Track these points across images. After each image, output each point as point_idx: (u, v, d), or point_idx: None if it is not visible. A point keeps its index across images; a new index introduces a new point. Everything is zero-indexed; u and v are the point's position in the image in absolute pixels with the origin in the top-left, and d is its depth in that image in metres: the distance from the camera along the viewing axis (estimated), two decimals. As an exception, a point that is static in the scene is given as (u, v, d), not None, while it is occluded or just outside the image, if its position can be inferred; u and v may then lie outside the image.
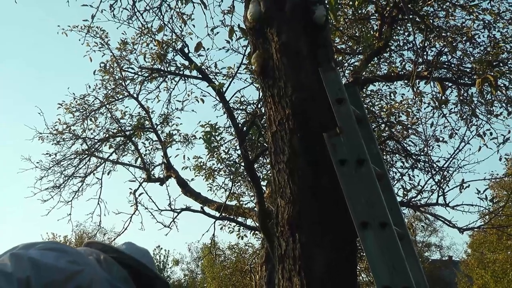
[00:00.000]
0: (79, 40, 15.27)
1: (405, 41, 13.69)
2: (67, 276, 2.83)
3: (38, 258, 2.82)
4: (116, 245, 3.62)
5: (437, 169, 13.88)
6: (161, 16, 8.95)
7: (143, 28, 11.82)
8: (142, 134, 16.66)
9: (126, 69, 15.31)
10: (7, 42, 70.50)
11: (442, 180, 13.75)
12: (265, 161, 14.47)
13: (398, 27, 13.37)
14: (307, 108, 4.24)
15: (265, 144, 12.81)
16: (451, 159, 13.60)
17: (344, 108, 4.09)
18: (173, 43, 12.90)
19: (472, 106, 13.45)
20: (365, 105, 4.64)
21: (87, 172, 16.67)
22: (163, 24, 9.21)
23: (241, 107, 14.53)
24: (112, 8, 8.44)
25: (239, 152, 14.15)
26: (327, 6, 4.97)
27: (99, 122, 16.42)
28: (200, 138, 15.38)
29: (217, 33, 9.56)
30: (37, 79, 69.96)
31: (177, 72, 14.38)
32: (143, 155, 16.60)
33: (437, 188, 13.75)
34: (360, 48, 13.32)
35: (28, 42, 72.82)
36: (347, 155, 3.96)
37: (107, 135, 16.58)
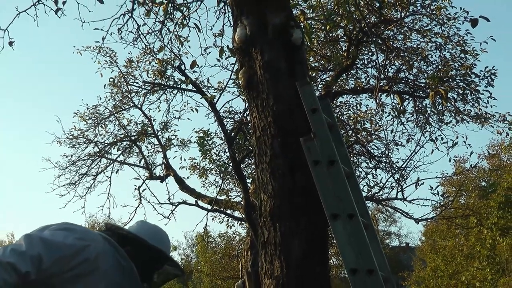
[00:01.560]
0: (92, 58, 15.30)
1: (369, 60, 13.71)
2: (74, 251, 2.95)
3: (48, 237, 2.92)
4: (129, 224, 3.62)
5: (396, 169, 13.93)
6: (162, 38, 8.94)
7: (146, 48, 11.81)
8: (145, 138, 16.68)
9: (132, 83, 15.32)
10: (36, 63, 70.25)
11: (400, 178, 13.80)
12: (250, 161, 14.43)
13: (363, 48, 13.38)
14: (286, 116, 4.24)
15: (250, 147, 12.79)
16: (408, 160, 13.65)
17: (318, 117, 4.10)
18: (172, 61, 12.87)
19: (426, 116, 13.50)
20: (335, 114, 4.64)
21: (98, 171, 16.67)
22: (163, 45, 9.20)
23: (229, 116, 14.49)
24: (120, 31, 8.41)
25: (228, 154, 14.12)
26: (303, 29, 4.96)
27: (109, 129, 16.43)
28: (194, 142, 15.37)
29: (209, 52, 9.55)
30: (56, 92, 69.75)
31: (175, 86, 14.36)
32: (146, 157, 16.60)
33: (396, 185, 13.81)
34: (331, 66, 13.33)
35: (50, 60, 72.58)
36: (320, 157, 3.96)
37: (115, 140, 16.57)
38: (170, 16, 8.62)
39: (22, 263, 2.75)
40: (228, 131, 13.21)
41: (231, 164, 13.70)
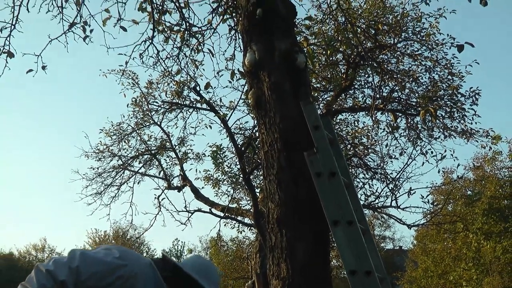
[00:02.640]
0: (116, 80, 15.33)
1: (365, 81, 13.71)
2: (111, 268, 2.91)
3: (88, 253, 2.93)
4: (184, 258, 3.54)
5: (390, 180, 13.89)
6: (179, 62, 8.94)
7: (165, 71, 11.80)
8: (164, 152, 16.70)
9: (152, 103, 15.38)
10: (65, 85, 70.58)
11: (394, 188, 13.77)
12: (258, 173, 14.42)
13: (360, 71, 13.37)
14: (291, 133, 4.23)
15: (258, 160, 12.76)
16: (401, 172, 13.63)
17: (320, 133, 4.09)
18: (188, 83, 12.88)
19: (417, 131, 13.47)
20: (335, 131, 4.63)
21: (122, 182, 16.68)
22: (180, 68, 9.19)
23: (240, 132, 14.54)
24: (141, 56, 8.42)
25: (238, 166, 14.11)
26: (306, 54, 4.96)
27: (131, 143, 16.46)
28: (208, 155, 15.39)
29: (222, 75, 9.55)
30: (84, 110, 70.00)
31: (191, 105, 14.40)
32: (165, 169, 16.61)
33: (391, 194, 13.79)
34: (331, 87, 13.33)
35: (79, 82, 72.97)
36: (322, 169, 3.95)
37: (137, 153, 16.60)
38: (187, 43, 8.63)
39: (60, 271, 2.78)
40: (239, 146, 13.20)
41: (241, 176, 13.68)
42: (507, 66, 64.31)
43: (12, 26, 7.26)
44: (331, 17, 10.50)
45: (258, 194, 12.71)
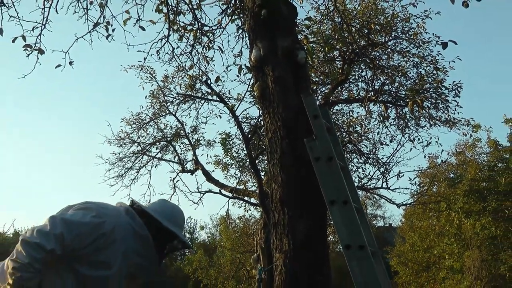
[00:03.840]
0: (135, 75, 15.34)
1: (359, 75, 13.67)
2: (91, 227, 2.93)
3: (68, 218, 2.93)
4: (152, 202, 3.58)
5: (381, 164, 13.90)
6: (192, 58, 8.93)
7: (179, 66, 11.82)
8: (178, 139, 16.71)
9: (168, 95, 15.37)
10: (91, 79, 70.72)
11: (385, 171, 13.78)
12: (263, 158, 14.41)
13: (355, 66, 13.34)
14: (292, 121, 4.22)
15: (263, 146, 12.77)
16: (391, 157, 13.63)
17: (318, 122, 4.07)
18: (200, 77, 12.88)
19: (406, 121, 13.46)
20: (332, 120, 4.62)
21: (140, 166, 16.69)
22: (193, 64, 9.19)
23: (247, 121, 14.52)
24: (158, 53, 8.41)
25: (245, 152, 14.13)
26: (306, 51, 4.94)
27: (149, 131, 16.48)
28: (218, 142, 15.44)
29: (230, 70, 9.57)
30: (107, 102, 70.08)
31: (202, 97, 14.41)
32: (179, 154, 16.64)
33: (382, 177, 13.81)
34: (329, 80, 13.31)
35: (104, 76, 73.08)
36: (320, 154, 3.95)
37: (154, 140, 16.61)
38: (199, 41, 8.61)
39: (47, 242, 2.79)
40: (246, 134, 13.21)
41: (248, 160, 13.71)
42: (486, 61, 64.08)
43: (43, 26, 7.25)
44: (328, 17, 10.48)
45: (262, 176, 12.72)
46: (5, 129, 67.92)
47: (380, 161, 14.00)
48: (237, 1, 7.74)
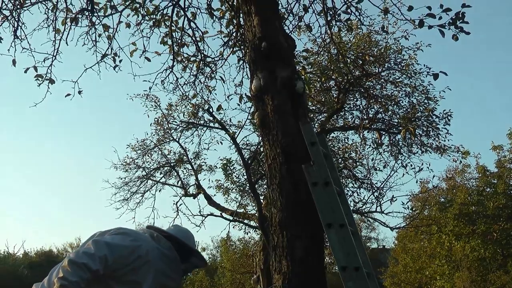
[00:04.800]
0: (141, 103, 15.38)
1: (354, 104, 13.75)
2: (131, 250, 3.08)
3: (110, 241, 3.04)
4: (166, 227, 3.73)
5: (375, 189, 13.87)
6: (195, 88, 8.95)
7: (183, 95, 11.83)
8: (181, 165, 16.71)
9: (171, 122, 15.42)
10: (98, 106, 71.00)
11: (379, 196, 13.76)
12: (262, 183, 14.39)
13: (350, 95, 13.40)
14: (291, 148, 4.22)
15: (263, 172, 12.76)
16: (384, 182, 13.61)
17: (316, 148, 4.07)
18: (203, 105, 12.92)
19: (398, 147, 13.50)
20: (328, 146, 4.62)
21: (145, 190, 16.68)
22: (196, 93, 9.21)
23: (247, 148, 14.54)
24: (163, 82, 8.44)
25: (245, 177, 14.10)
26: (304, 81, 4.96)
27: (153, 157, 16.50)
28: (219, 167, 15.42)
29: (231, 99, 9.54)
30: (113, 128, 70.22)
31: (205, 124, 14.45)
32: (182, 179, 16.63)
33: (376, 201, 13.77)
34: (325, 109, 13.35)
35: (110, 104, 73.34)
36: (318, 179, 3.93)
37: (158, 166, 16.62)
38: (202, 71, 8.65)
39: (93, 262, 2.91)
40: (246, 159, 13.20)
41: (248, 185, 13.68)
42: (475, 91, 64.32)
43: (53, 57, 7.29)
44: (325, 49, 10.54)
45: (262, 200, 12.69)
46: (16, 152, 68.00)
47: (374, 186, 13.99)
48: (238, 34, 7.78)
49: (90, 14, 7.36)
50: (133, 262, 3.08)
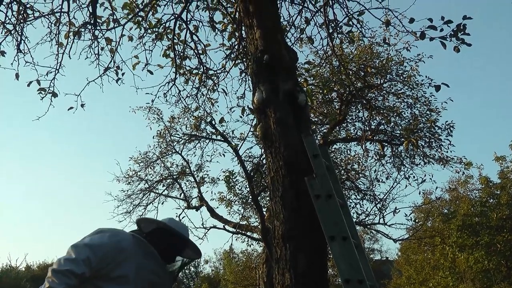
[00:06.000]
0: (143, 116, 15.40)
1: (356, 116, 13.75)
2: (111, 246, 3.09)
3: (89, 242, 3.06)
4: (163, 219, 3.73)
5: (378, 200, 13.85)
6: (197, 100, 8.98)
7: (185, 108, 11.86)
8: (184, 177, 16.70)
9: (174, 135, 15.44)
10: (101, 120, 71.17)
11: (381, 207, 13.72)
12: (265, 195, 14.39)
13: (352, 107, 13.41)
14: (293, 161, 4.21)
15: (265, 184, 12.74)
16: (387, 193, 13.59)
17: (318, 161, 4.07)
18: (205, 118, 12.93)
19: (401, 159, 13.48)
20: (331, 158, 4.62)
21: (148, 202, 16.66)
22: (198, 105, 9.25)
23: (249, 160, 14.54)
24: (165, 95, 8.47)
25: (248, 189, 14.09)
26: (306, 93, 4.96)
27: (156, 169, 16.49)
28: (222, 180, 15.38)
29: (234, 111, 9.55)
30: (116, 141, 70.39)
31: (207, 137, 14.46)
32: (184, 191, 16.60)
33: (379, 213, 13.73)
34: (327, 120, 13.35)
35: (111, 118, 73.49)
36: (320, 192, 3.93)
37: (161, 178, 16.61)
38: (204, 84, 8.68)
39: (77, 267, 2.93)
40: (248, 172, 13.19)
41: (250, 197, 13.66)
42: (478, 102, 64.37)
43: (56, 71, 7.32)
44: (326, 61, 10.55)
45: (265, 213, 12.67)
46: (19, 165, 68.06)
47: (377, 198, 13.98)
48: (240, 47, 7.81)
49: (92, 28, 7.40)
50: (116, 257, 3.08)
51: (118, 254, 3.09)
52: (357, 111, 13.70)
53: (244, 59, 7.97)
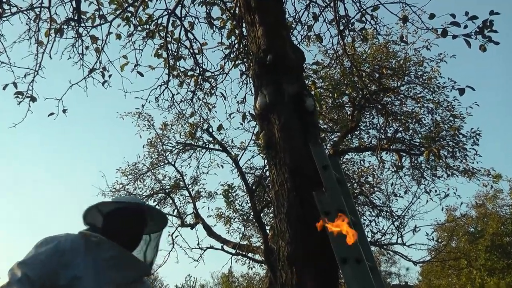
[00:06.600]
0: (132, 122, 15.42)
1: (370, 122, 13.75)
2: (49, 254, 3.03)
3: (23, 259, 3.02)
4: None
5: (396, 217, 13.82)
6: (193, 105, 9.01)
7: (179, 114, 11.89)
8: (177, 191, 16.69)
9: (166, 144, 15.45)
10: (85, 127, 71.24)
11: (400, 225, 13.68)
12: (269, 211, 14.38)
13: (366, 112, 13.41)
14: (300, 173, 4.22)
15: (269, 199, 12.75)
16: (406, 210, 13.57)
17: (328, 173, 4.07)
18: (201, 125, 12.96)
19: (421, 171, 13.46)
20: (342, 170, 4.61)
21: (137, 220, 16.58)
22: (194, 111, 9.26)
23: (251, 172, 14.53)
24: (157, 100, 8.50)
25: (249, 205, 14.09)
26: (314, 97, 4.98)
27: (146, 183, 16.50)
28: (220, 194, 15.40)
29: (233, 117, 9.60)
30: (102, 151, 70.43)
31: (204, 146, 14.46)
32: (178, 207, 16.58)
33: (396, 232, 13.69)
34: (338, 128, 13.36)
35: (97, 124, 73.58)
36: (331, 208, 3.93)
37: (152, 192, 16.59)
38: (200, 87, 8.71)
39: (21, 286, 2.87)
40: (250, 185, 13.20)
41: (252, 214, 13.66)
42: (508, 106, 64.23)
43: (35, 72, 7.35)
44: (337, 62, 10.58)
45: (268, 231, 12.66)
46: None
47: (394, 215, 13.95)
48: (241, 46, 7.84)
49: (76, 25, 7.44)
50: (60, 260, 3.03)
51: (62, 256, 3.05)
52: (371, 117, 13.70)
53: (245, 60, 8.00)
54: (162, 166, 16.25)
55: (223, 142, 13.52)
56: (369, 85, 12.13)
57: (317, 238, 4.01)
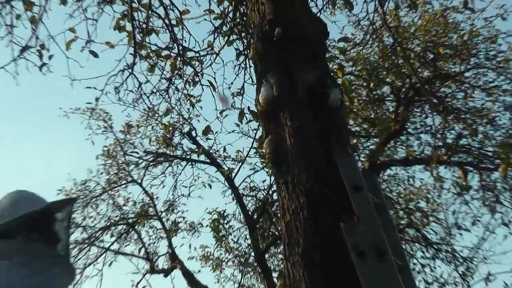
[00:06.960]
0: (81, 123, 15.49)
1: (422, 123, 13.76)
2: None
3: None
4: None
5: (460, 260, 13.81)
6: (168, 99, 9.03)
7: (149, 110, 11.89)
8: (145, 222, 16.69)
9: (130, 153, 15.48)
10: (12, 127, 70.97)
11: (466, 272, 13.66)
12: (276, 251, 14.40)
13: (415, 109, 13.44)
14: (322, 196, 4.20)
15: (277, 233, 12.77)
16: (475, 249, 13.53)
17: (362, 196, 4.07)
18: (180, 126, 12.99)
19: (496, 193, 13.43)
20: (382, 192, 4.59)
21: (86, 262, 16.61)
22: (170, 107, 9.27)
23: (251, 194, 14.55)
24: (118, 91, 8.51)
25: (249, 241, 14.11)
26: (342, 88, 4.99)
27: (100, 210, 16.50)
28: (207, 226, 15.45)
29: (226, 115, 9.59)
30: (35, 164, 70.22)
31: (183, 156, 14.52)
32: (146, 245, 16.61)
33: (461, 281, 13.67)
34: (376, 131, 13.38)
35: (29, 124, 73.32)
36: (366, 247, 3.93)
37: (108, 223, 16.60)
38: (179, 72, 8.72)
39: None
40: (250, 213, 13.22)
41: (252, 254, 13.67)
42: None
43: None
44: (374, 37, 10.59)
45: (276, 280, 12.67)
46: None
47: (458, 256, 13.94)
48: (237, 15, 7.86)
49: (2, -16, 7.46)
50: None
51: None
52: (423, 115, 13.72)
53: (243, 34, 8.02)
54: (123, 186, 16.28)
55: (211, 151, 13.55)
56: (419, 70, 12.14)
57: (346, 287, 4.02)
